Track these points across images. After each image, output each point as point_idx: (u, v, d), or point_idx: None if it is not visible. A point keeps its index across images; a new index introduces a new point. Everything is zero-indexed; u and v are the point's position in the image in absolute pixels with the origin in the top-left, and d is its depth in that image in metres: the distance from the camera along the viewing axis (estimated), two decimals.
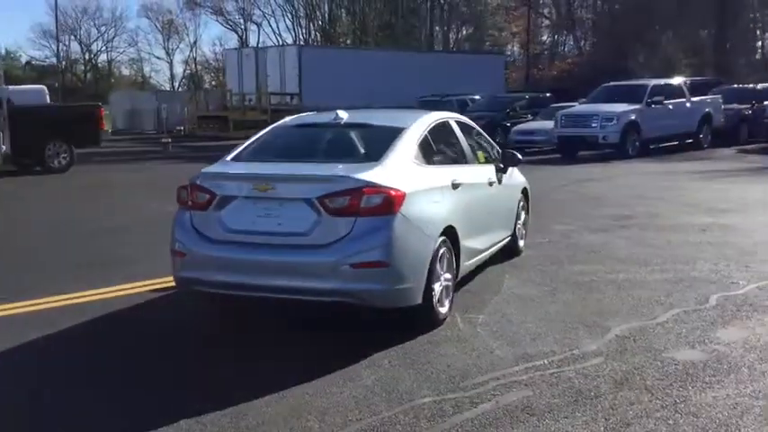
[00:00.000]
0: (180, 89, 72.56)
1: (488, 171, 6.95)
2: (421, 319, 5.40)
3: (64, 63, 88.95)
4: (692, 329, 5.48)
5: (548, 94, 28.69)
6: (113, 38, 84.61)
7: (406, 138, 5.70)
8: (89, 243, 9.41)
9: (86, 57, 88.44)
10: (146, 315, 6.16)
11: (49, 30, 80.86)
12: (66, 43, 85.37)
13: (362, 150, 5.63)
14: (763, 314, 5.86)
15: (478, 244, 6.48)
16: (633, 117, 20.84)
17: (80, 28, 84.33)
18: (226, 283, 5.17)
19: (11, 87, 47.04)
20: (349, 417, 4.05)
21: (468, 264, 6.24)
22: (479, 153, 7.16)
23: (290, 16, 75.33)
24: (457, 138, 6.64)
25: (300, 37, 74.71)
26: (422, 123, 6.07)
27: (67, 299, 6.49)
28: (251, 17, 76.18)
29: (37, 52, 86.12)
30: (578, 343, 5.21)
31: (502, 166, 7.41)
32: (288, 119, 6.63)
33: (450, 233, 5.71)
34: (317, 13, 74.97)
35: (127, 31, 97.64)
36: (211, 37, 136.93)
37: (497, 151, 7.52)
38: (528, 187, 8.43)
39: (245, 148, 5.93)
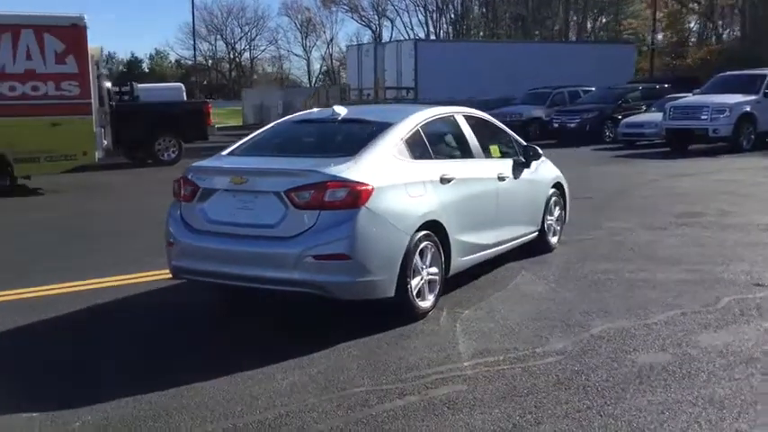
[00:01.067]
0: (316, 85, 74.72)
1: (500, 166, 6.89)
2: (397, 312, 5.48)
3: (210, 61, 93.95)
4: (677, 332, 5.27)
5: (666, 85, 27.42)
6: (255, 36, 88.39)
7: (390, 133, 5.79)
8: None
9: (231, 55, 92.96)
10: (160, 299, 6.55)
11: (197, 30, 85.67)
12: (213, 42, 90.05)
13: (345, 146, 5.76)
14: (766, 320, 5.53)
15: (482, 239, 6.46)
16: (748, 109, 19.66)
17: (225, 27, 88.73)
18: (207, 271, 5.47)
19: (142, 85, 49.99)
20: (275, 402, 4.21)
21: (465, 259, 6.24)
22: (493, 147, 7.11)
23: (422, 11, 75.85)
24: (461, 132, 6.63)
25: (432, 31, 75.24)
26: (415, 119, 6.12)
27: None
28: (384, 13, 77.38)
29: (186, 52, 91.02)
30: (547, 341, 5.13)
31: (523, 160, 7.33)
32: (295, 115, 6.85)
33: (435, 228, 5.75)
34: (449, 6, 75.17)
35: (268, 29, 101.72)
36: (348, 34, 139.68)
37: (521, 146, 7.43)
38: (563, 182, 8.25)
39: (244, 143, 6.20)
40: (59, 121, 13.84)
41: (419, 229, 5.56)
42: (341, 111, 6.25)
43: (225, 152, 6.10)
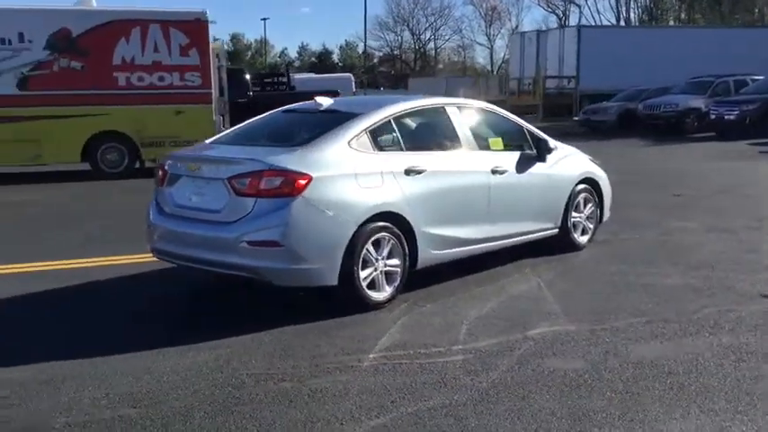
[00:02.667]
0: (497, 74, 74.41)
1: (498, 159, 6.72)
2: (343, 300, 5.59)
3: (397, 52, 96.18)
4: (618, 340, 4.98)
5: None
6: (440, 26, 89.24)
7: (352, 124, 5.87)
8: None
9: (416, 45, 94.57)
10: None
11: (385, 22, 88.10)
12: (399, 33, 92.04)
13: (306, 136, 5.90)
14: (732, 334, 5.08)
15: (465, 234, 6.38)
16: None
17: (412, 18, 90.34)
18: (172, 253, 5.85)
19: (313, 75, 52.23)
20: (162, 378, 4.40)
21: (440, 253, 6.20)
22: (494, 140, 6.95)
23: None
24: (450, 125, 6.54)
25: (623, 16, 72.12)
26: (390, 110, 6.15)
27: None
28: None
29: (374, 42, 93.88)
30: (474, 340, 5.03)
31: (535, 154, 7.11)
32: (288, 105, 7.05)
33: (395, 220, 5.78)
34: None
35: (453, 19, 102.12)
36: (535, 20, 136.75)
37: (535, 139, 7.19)
38: (599, 178, 7.87)
39: (228, 132, 6.53)
40: (183, 109, 14.98)
41: (372, 220, 5.62)
42: (323, 101, 6.41)
43: (209, 140, 6.46)
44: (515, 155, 6.96)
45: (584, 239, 7.74)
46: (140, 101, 14.81)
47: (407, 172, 5.92)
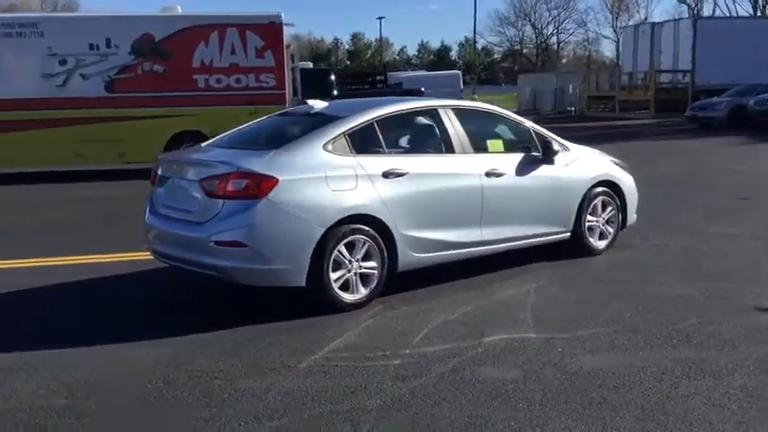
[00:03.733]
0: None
1: (493, 161, 6.60)
2: (316, 302, 5.69)
3: (517, 47, 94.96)
4: (568, 350, 4.84)
5: None
6: (564, 20, 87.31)
7: (330, 127, 5.94)
8: None
9: (538, 40, 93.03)
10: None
11: (505, 17, 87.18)
12: (520, 28, 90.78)
13: (285, 138, 6.01)
14: (696, 349, 4.81)
15: (454, 237, 6.32)
16: None
17: (534, 12, 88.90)
18: (160, 252, 6.11)
19: (421, 72, 52.25)
20: (99, 371, 4.62)
21: (425, 256, 6.18)
22: (493, 143, 6.84)
23: None
24: (442, 127, 6.48)
25: (759, 6, 68.09)
26: (373, 113, 6.17)
27: None
28: None
29: (494, 38, 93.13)
30: (426, 344, 5.01)
31: (541, 156, 6.94)
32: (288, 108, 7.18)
33: (372, 222, 5.82)
34: None
35: (577, 12, 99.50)
36: (664, 12, 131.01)
37: (544, 142, 7.01)
38: (620, 181, 7.56)
39: (224, 135, 6.72)
40: (257, 109, 15.41)
41: (344, 223, 5.68)
42: (315, 105, 6.51)
43: (204, 143, 6.70)
44: (516, 157, 6.82)
45: (601, 244, 7.47)
46: (218, 102, 15.40)
47: (386, 174, 5.94)
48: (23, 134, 14.81)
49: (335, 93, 20.49)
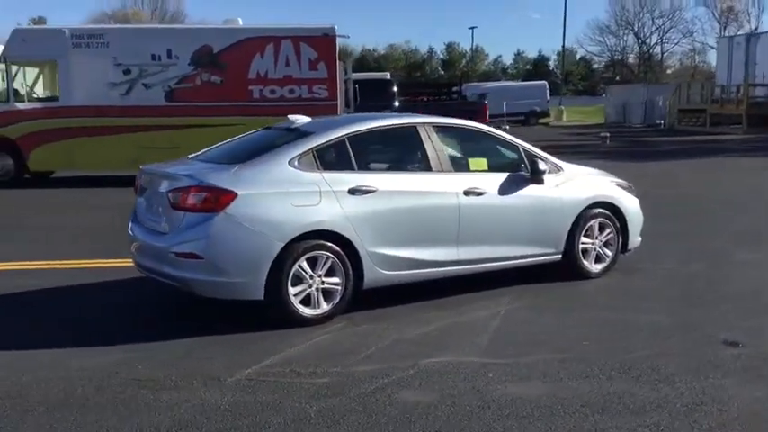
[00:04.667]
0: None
1: (473, 180, 6.51)
2: (275, 315, 5.78)
3: (619, 56, 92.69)
4: (507, 376, 4.74)
5: None
6: (669, 29, 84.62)
7: (298, 143, 6.02)
8: None
9: (642, 49, 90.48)
10: None
11: (606, 26, 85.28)
12: (622, 37, 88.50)
13: (255, 153, 6.10)
14: (628, 382, 4.63)
15: (427, 255, 6.28)
16: None
17: (638, 21, 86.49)
18: (136, 261, 6.33)
19: (505, 83, 51.85)
20: (39, 374, 4.83)
21: (394, 273, 6.15)
22: (475, 161, 6.77)
23: None
24: (419, 145, 6.44)
25: None
26: (343, 130, 6.20)
27: None
28: None
29: (594, 47, 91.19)
30: (364, 364, 5.00)
31: (527, 175, 6.81)
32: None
33: (336, 238, 5.86)
34: None
35: (683, 21, 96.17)
36: None
37: (532, 161, 6.86)
38: (617, 202, 7.31)
39: (212, 148, 6.87)
40: None
41: (306, 238, 5.75)
42: (297, 120, 6.60)
43: (191, 156, 6.89)
44: (500, 176, 6.71)
45: (597, 267, 7.26)
46: (272, 112, 15.66)
47: (352, 191, 5.97)
48: (89, 140, 15.58)
49: (396, 104, 20.56)
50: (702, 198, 13.37)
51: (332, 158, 6.12)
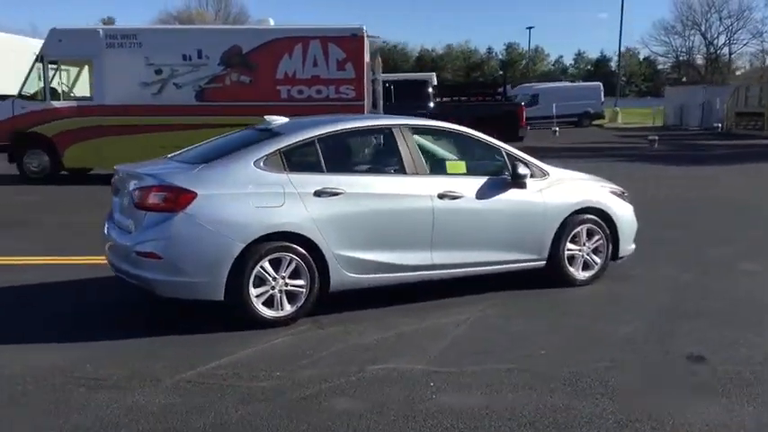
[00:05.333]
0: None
1: (449, 183, 6.38)
2: (237, 316, 5.76)
3: (685, 57, 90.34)
4: (442, 385, 4.63)
5: None
6: (738, 30, 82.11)
7: (266, 144, 5.99)
8: None
9: (708, 50, 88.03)
10: None
11: (671, 26, 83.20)
12: (688, 38, 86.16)
13: (224, 153, 6.09)
14: (560, 395, 4.45)
15: (398, 259, 6.17)
16: None
17: (705, 21, 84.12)
18: (108, 260, 6.34)
19: (557, 84, 50.79)
20: (4, 371, 4.97)
21: (363, 277, 6.06)
22: (453, 164, 6.64)
23: None
24: (394, 147, 6.34)
25: None
26: (313, 131, 6.14)
27: None
28: None
29: (660, 48, 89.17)
30: (309, 369, 4.94)
31: (509, 179, 6.65)
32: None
33: (300, 240, 5.82)
34: None
35: (753, 22, 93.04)
36: None
37: (514, 165, 6.69)
38: (606, 208, 7.06)
39: (191, 148, 6.87)
40: None
41: (268, 240, 5.72)
42: (273, 120, 6.58)
43: (170, 155, 6.90)
44: (479, 180, 6.57)
45: (584, 275, 7.04)
46: (299, 112, 15.49)
47: (318, 193, 5.91)
48: (121, 138, 15.89)
49: (431, 104, 20.41)
50: (732, 203, 12.88)
51: (300, 159, 6.07)
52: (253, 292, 5.72)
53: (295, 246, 5.82)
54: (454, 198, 6.37)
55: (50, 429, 4.10)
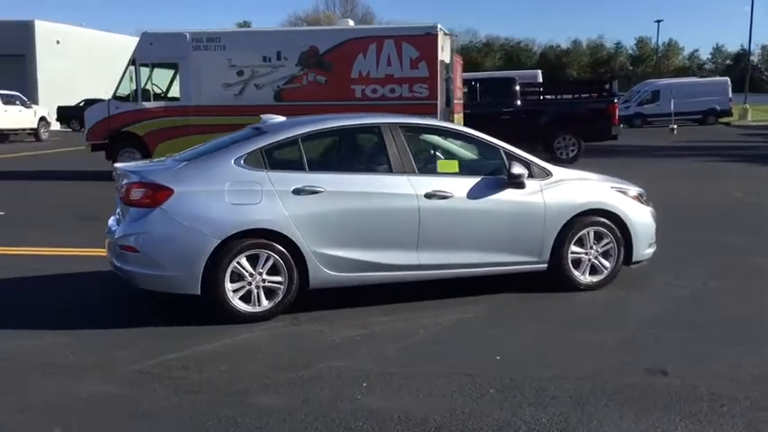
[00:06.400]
0: None
1: (438, 182, 6.26)
2: (214, 309, 5.91)
3: None
4: (375, 386, 4.60)
5: None
6: None
7: (250, 142, 6.12)
8: None
9: None
10: None
11: None
12: None
13: (212, 152, 6.25)
14: (490, 401, 4.30)
15: (383, 258, 6.13)
16: None
17: None
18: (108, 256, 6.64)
19: (682, 80, 48.40)
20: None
21: (344, 275, 6.07)
22: (445, 163, 6.51)
23: None
24: (380, 146, 6.29)
25: None
26: (298, 130, 6.20)
27: None
28: None
29: None
30: (254, 364, 5.05)
31: (505, 179, 6.46)
32: None
33: (278, 237, 5.90)
34: None
35: None
36: None
37: (512, 164, 6.48)
38: (617, 211, 6.72)
39: (193, 147, 7.05)
40: None
41: (244, 236, 5.83)
42: (269, 119, 6.68)
43: (176, 154, 7.11)
44: (472, 179, 6.41)
45: (591, 279, 6.74)
46: (373, 111, 15.86)
47: (297, 191, 5.96)
48: (205, 137, 16.45)
49: (518, 102, 20.01)
50: None
51: (282, 158, 6.16)
52: (229, 287, 5.85)
53: (272, 243, 5.90)
54: (443, 198, 6.26)
55: None
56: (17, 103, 32.62)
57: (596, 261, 6.75)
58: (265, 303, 5.96)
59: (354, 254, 6.10)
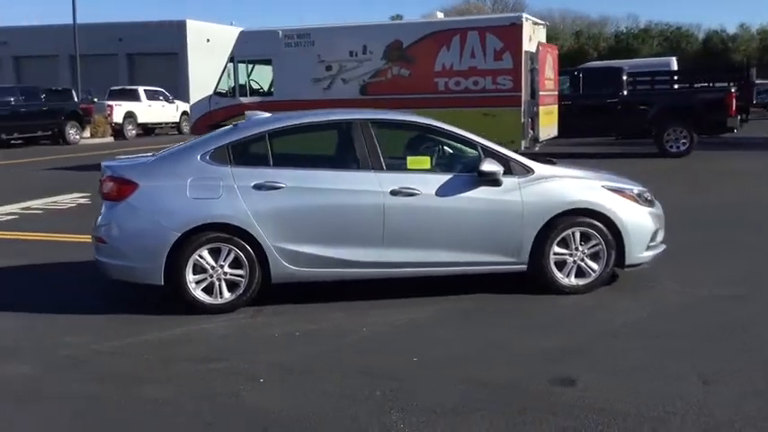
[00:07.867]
0: None
1: (405, 179, 6.14)
2: (179, 300, 6.12)
3: None
4: (269, 384, 4.60)
5: None
6: None
7: (219, 138, 6.28)
8: None
9: None
10: None
11: None
12: None
13: (187, 145, 6.44)
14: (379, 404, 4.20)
15: (347, 255, 6.09)
16: None
17: None
18: None
19: None
20: None
21: (306, 270, 6.08)
22: (416, 159, 6.37)
23: None
24: (348, 142, 6.24)
25: None
26: (268, 126, 6.28)
27: None
28: None
29: None
30: (183, 355, 5.19)
31: (477, 176, 6.23)
32: None
33: (239, 231, 6.02)
34: None
35: None
36: None
37: (491, 159, 6.24)
38: (606, 211, 6.30)
39: (183, 143, 7.25)
40: (490, 111, 15.43)
41: (206, 229, 6.00)
42: (252, 116, 6.78)
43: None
44: (443, 176, 6.25)
45: (576, 282, 6.38)
46: (457, 103, 15.70)
47: (258, 187, 6.05)
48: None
49: (625, 92, 19.03)
50: None
51: (247, 154, 6.27)
52: (191, 278, 6.03)
53: (233, 237, 6.03)
54: (409, 195, 6.14)
55: None
56: (160, 98, 34.82)
57: (583, 263, 6.38)
58: (227, 295, 6.09)
59: (316, 250, 6.10)
